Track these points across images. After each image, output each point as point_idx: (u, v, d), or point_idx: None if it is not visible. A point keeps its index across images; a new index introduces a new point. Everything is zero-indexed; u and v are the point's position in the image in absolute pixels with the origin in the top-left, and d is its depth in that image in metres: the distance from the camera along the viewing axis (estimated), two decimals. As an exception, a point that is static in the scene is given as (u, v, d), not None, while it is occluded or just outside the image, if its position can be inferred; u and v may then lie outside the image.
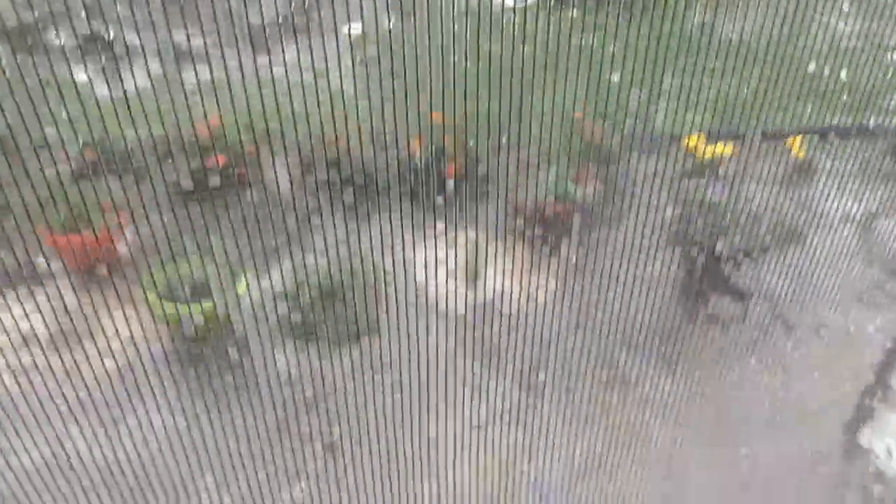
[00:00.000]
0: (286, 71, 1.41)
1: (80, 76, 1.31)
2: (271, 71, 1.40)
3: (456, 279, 1.98)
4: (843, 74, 1.97)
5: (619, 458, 2.49)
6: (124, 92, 1.36)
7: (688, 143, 2.21)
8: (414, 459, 2.10)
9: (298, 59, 1.42)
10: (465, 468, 2.23)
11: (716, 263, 2.48)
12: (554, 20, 1.57)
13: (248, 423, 1.83)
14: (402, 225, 1.75)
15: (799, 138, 2.14)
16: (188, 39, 1.32)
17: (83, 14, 1.25)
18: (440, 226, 1.86)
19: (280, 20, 1.38)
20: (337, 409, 1.94)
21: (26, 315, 1.48)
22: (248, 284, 1.85)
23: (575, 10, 1.70)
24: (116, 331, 1.61)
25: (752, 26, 1.74)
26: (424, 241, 1.82)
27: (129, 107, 1.38)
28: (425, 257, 1.83)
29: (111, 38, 1.30)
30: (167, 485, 1.81)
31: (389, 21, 1.60)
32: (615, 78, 1.71)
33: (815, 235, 2.31)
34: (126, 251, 1.72)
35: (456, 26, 1.51)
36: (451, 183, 1.92)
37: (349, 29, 1.54)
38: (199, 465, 1.82)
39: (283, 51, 1.38)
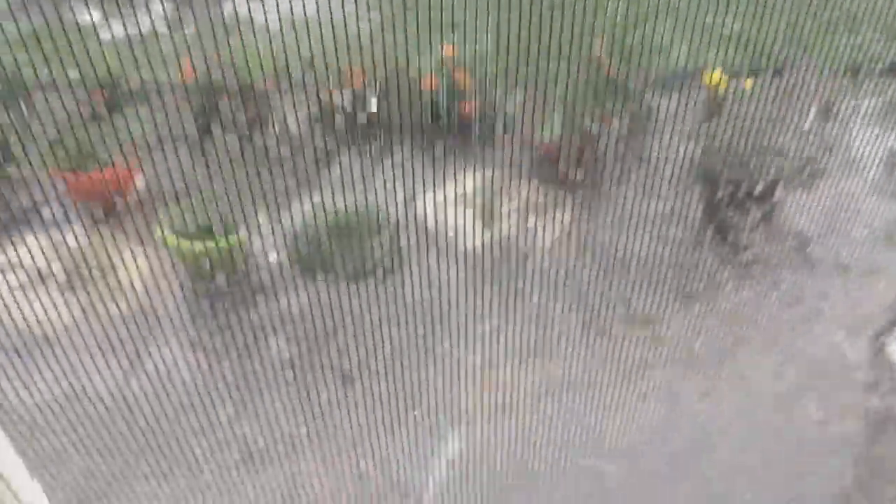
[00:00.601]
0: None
1: (86, 17, 1.31)
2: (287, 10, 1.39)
3: (473, 217, 1.98)
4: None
5: (632, 392, 2.49)
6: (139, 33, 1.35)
7: (710, 78, 2.16)
8: (429, 393, 2.13)
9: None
10: (479, 402, 2.25)
11: (736, 199, 2.45)
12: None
13: (264, 356, 1.86)
14: (422, 163, 1.74)
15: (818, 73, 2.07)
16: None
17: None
18: (457, 164, 1.85)
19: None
20: (353, 343, 1.97)
21: (43, 253, 1.51)
22: (259, 221, 1.86)
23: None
24: (136, 267, 1.64)
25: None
26: (443, 179, 1.81)
27: (144, 48, 1.38)
28: (443, 195, 1.83)
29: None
30: (187, 417, 1.85)
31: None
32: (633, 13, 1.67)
33: (840, 173, 2.27)
34: (143, 188, 1.73)
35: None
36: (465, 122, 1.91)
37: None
38: (220, 398, 1.87)
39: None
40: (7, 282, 1.45)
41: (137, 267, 1.63)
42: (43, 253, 1.53)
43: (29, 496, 1.29)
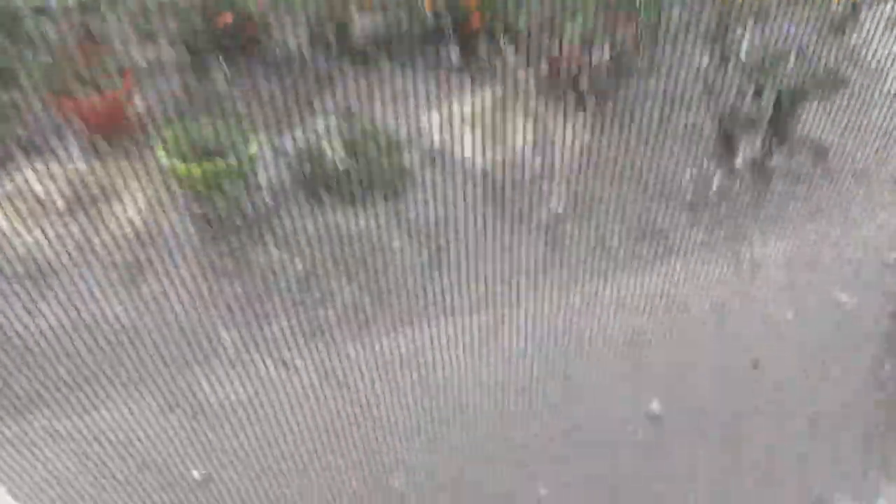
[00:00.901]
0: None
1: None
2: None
3: (482, 135, 1.94)
4: None
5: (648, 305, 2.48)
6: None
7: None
8: (435, 319, 2.13)
9: None
10: (489, 323, 2.25)
11: (757, 110, 2.38)
12: None
13: (266, 281, 1.86)
14: (426, 81, 1.69)
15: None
16: None
17: None
18: (463, 81, 1.80)
19: None
20: (357, 269, 1.96)
21: (40, 181, 1.49)
22: (260, 144, 1.83)
23: None
24: (137, 192, 1.62)
25: None
26: (448, 97, 1.76)
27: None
28: (448, 113, 1.78)
29: None
30: (187, 340, 1.85)
31: None
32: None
33: (860, 80, 2.19)
34: (140, 112, 1.70)
35: None
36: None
37: None
38: (222, 322, 1.87)
39: None
40: (4, 210, 1.44)
41: (141, 191, 1.61)
42: (40, 180, 1.51)
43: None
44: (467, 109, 1.84)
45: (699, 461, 2.54)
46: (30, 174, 1.49)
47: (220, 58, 1.68)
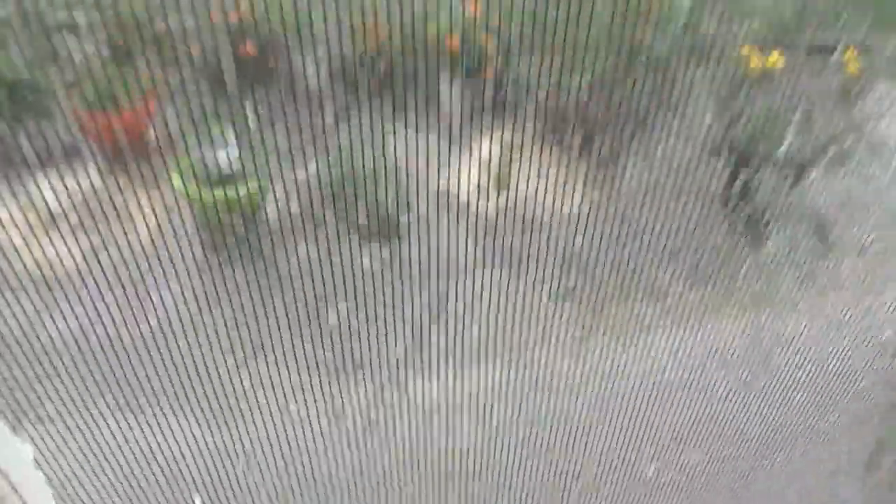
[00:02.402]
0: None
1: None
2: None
3: (488, 182, 1.97)
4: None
5: (639, 366, 2.50)
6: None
7: (739, 53, 2.12)
8: (434, 358, 2.13)
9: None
10: (485, 368, 2.26)
11: (759, 176, 2.41)
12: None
13: (268, 310, 1.86)
14: (437, 123, 1.72)
15: (852, 52, 2.03)
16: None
17: None
18: (473, 125, 1.83)
19: None
20: (360, 305, 1.97)
21: (56, 195, 1.50)
22: (271, 174, 1.85)
23: None
24: (147, 213, 1.64)
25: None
26: (459, 139, 1.79)
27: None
28: (458, 159, 1.81)
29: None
30: (186, 365, 1.86)
31: None
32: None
33: (863, 153, 2.23)
34: (158, 133, 1.72)
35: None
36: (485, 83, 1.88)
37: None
38: (220, 349, 1.88)
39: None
40: (16, 223, 1.45)
41: (152, 211, 1.63)
42: (55, 195, 1.52)
43: (32, 490, 1.31)
44: (477, 153, 1.87)
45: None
46: (45, 187, 1.51)
47: (241, 86, 1.71)
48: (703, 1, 1.72)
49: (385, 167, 1.79)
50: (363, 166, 1.76)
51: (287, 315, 1.88)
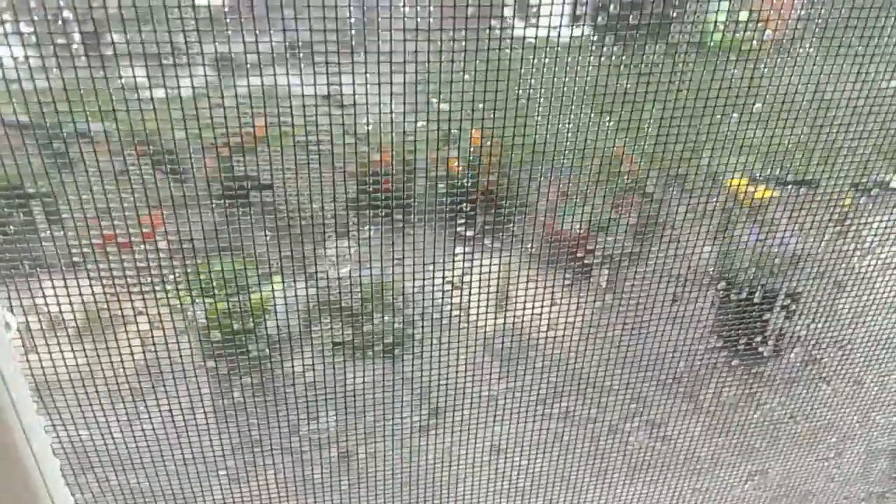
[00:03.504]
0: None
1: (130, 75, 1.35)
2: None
3: (486, 303, 1.99)
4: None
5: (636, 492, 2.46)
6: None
7: (730, 185, 2.18)
8: (428, 479, 2.11)
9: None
10: (481, 493, 2.23)
11: (750, 306, 2.44)
12: (594, 59, 1.57)
13: (262, 423, 1.86)
14: (434, 243, 1.76)
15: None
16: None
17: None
18: (471, 249, 1.87)
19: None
20: (357, 421, 1.96)
21: (58, 299, 1.52)
22: (273, 289, 1.88)
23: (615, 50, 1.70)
24: (154, 320, 1.65)
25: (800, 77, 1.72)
26: (454, 260, 1.83)
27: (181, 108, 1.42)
28: (455, 278, 1.84)
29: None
30: (178, 478, 1.84)
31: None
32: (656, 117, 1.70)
33: (854, 285, 2.27)
34: (166, 244, 1.76)
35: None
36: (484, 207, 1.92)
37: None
38: (214, 462, 1.86)
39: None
40: (17, 328, 1.47)
41: (157, 319, 1.65)
42: (57, 299, 1.54)
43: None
44: (475, 271, 1.90)
45: None
46: (48, 292, 1.54)
47: (245, 201, 1.75)
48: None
49: (380, 283, 1.82)
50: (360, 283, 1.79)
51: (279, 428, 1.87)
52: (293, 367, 1.86)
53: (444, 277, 1.84)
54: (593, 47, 1.59)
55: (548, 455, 2.30)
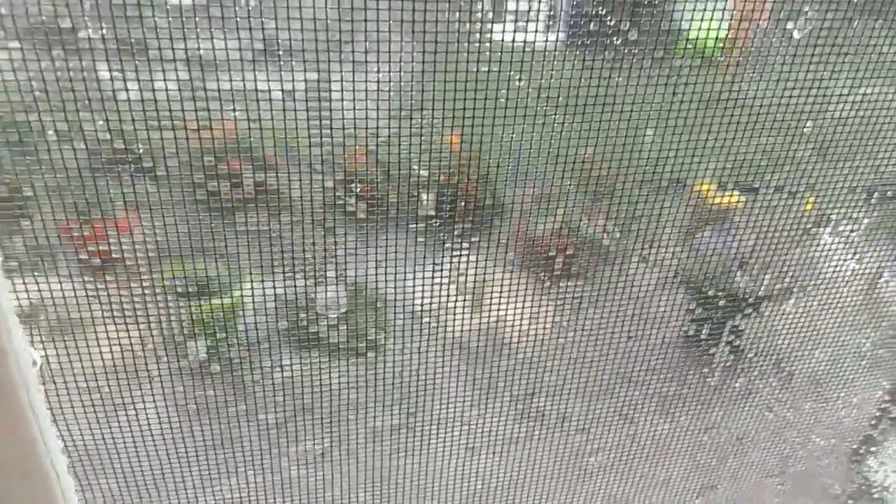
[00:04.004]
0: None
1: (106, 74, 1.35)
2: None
3: (463, 306, 2.00)
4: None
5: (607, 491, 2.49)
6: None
7: (699, 190, 2.22)
8: (404, 479, 2.11)
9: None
10: (455, 492, 2.24)
11: (717, 309, 2.48)
12: (568, 67, 1.59)
13: (242, 424, 1.85)
14: (415, 246, 1.77)
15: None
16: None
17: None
18: (447, 252, 1.88)
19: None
20: (333, 421, 1.96)
21: (30, 300, 1.51)
22: (252, 288, 1.88)
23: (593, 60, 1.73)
24: (130, 321, 1.64)
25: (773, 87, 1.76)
26: (433, 263, 1.84)
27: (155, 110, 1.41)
28: (431, 281, 1.85)
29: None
30: (155, 482, 1.83)
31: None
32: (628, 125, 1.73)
33: (819, 289, 2.32)
34: (140, 245, 1.75)
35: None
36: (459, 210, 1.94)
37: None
38: (188, 466, 1.85)
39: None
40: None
41: (133, 320, 1.64)
42: (30, 300, 1.53)
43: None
44: (452, 274, 1.92)
45: None
46: (21, 292, 1.52)
47: (226, 203, 1.74)
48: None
49: (358, 286, 1.83)
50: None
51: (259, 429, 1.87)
52: (272, 368, 1.86)
53: (423, 281, 1.86)
54: (568, 52, 1.61)
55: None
